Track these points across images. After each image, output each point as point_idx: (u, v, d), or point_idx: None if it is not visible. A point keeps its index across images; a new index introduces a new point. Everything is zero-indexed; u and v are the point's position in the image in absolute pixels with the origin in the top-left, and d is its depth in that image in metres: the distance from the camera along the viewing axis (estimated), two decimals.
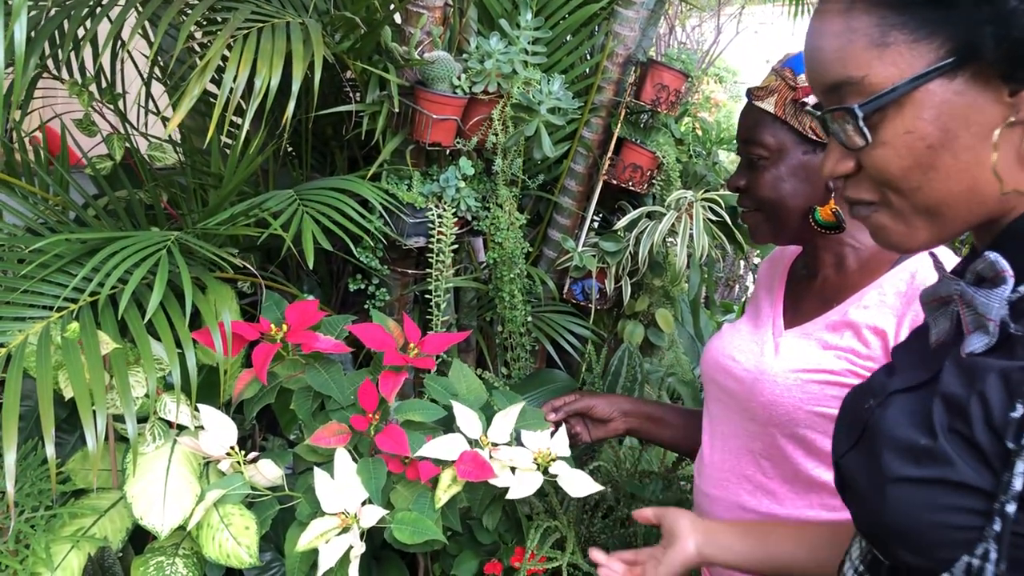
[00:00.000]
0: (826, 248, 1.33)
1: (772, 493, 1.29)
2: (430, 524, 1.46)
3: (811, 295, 1.35)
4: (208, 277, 1.59)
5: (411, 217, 1.93)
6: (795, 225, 1.30)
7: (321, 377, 1.57)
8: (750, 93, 1.32)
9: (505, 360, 2.24)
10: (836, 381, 1.21)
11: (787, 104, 1.26)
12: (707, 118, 3.00)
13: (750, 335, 1.36)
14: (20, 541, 1.54)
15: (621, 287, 2.30)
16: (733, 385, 1.32)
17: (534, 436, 1.58)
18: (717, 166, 2.63)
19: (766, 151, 1.28)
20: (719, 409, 1.38)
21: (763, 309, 1.39)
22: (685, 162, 2.49)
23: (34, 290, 1.53)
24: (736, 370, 1.32)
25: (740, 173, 1.33)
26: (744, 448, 1.32)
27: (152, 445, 1.58)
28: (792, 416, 1.23)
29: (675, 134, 2.40)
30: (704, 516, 1.35)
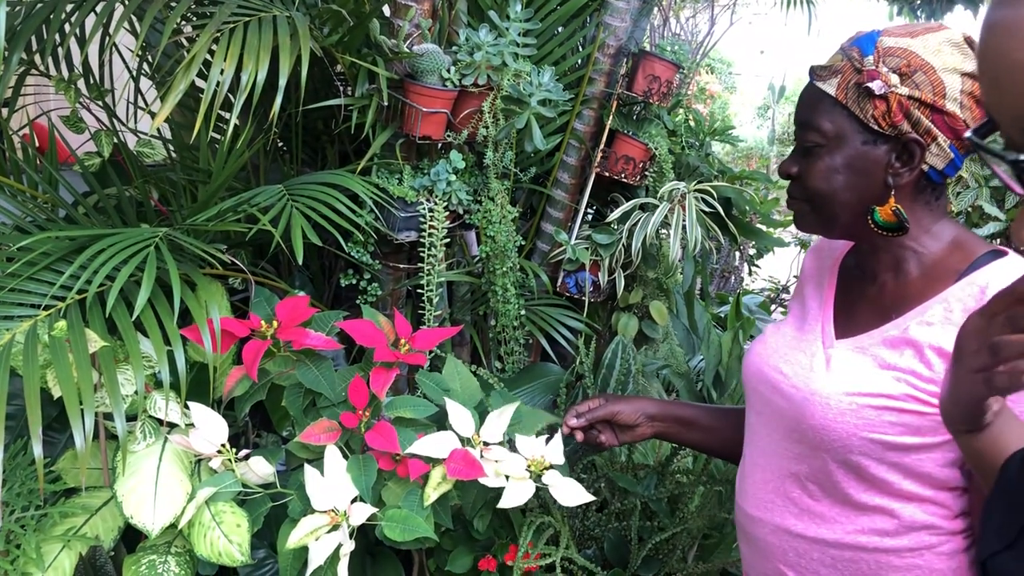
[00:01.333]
0: (885, 251, 1.19)
1: (820, 516, 1.18)
2: (420, 522, 1.45)
3: (866, 301, 1.22)
4: (196, 274, 1.58)
5: (402, 211, 1.92)
6: (845, 221, 1.17)
7: (312, 374, 1.56)
8: (812, 72, 1.18)
9: (499, 354, 2.23)
10: (894, 407, 1.10)
11: (850, 88, 1.12)
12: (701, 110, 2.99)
13: (797, 342, 1.23)
14: (11, 541, 1.53)
15: (615, 280, 2.29)
16: (780, 402, 1.20)
17: (529, 442, 1.57)
18: (710, 157, 2.63)
19: (822, 138, 1.15)
20: (762, 423, 1.26)
21: (810, 310, 1.26)
22: (678, 153, 2.48)
23: (21, 288, 1.52)
24: (783, 385, 1.19)
25: (793, 159, 1.20)
26: (789, 469, 1.20)
27: (143, 443, 1.57)
28: (845, 443, 1.12)
29: (667, 125, 2.38)
30: (747, 538, 1.29)
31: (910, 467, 1.12)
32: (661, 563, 1.81)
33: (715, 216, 2.25)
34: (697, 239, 2.13)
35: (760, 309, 4.33)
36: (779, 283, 5.36)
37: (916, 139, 1.10)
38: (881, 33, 1.14)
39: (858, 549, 1.16)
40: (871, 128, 1.12)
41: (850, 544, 1.16)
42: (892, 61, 1.10)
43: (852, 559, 1.16)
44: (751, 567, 1.31)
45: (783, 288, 5.30)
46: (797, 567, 1.20)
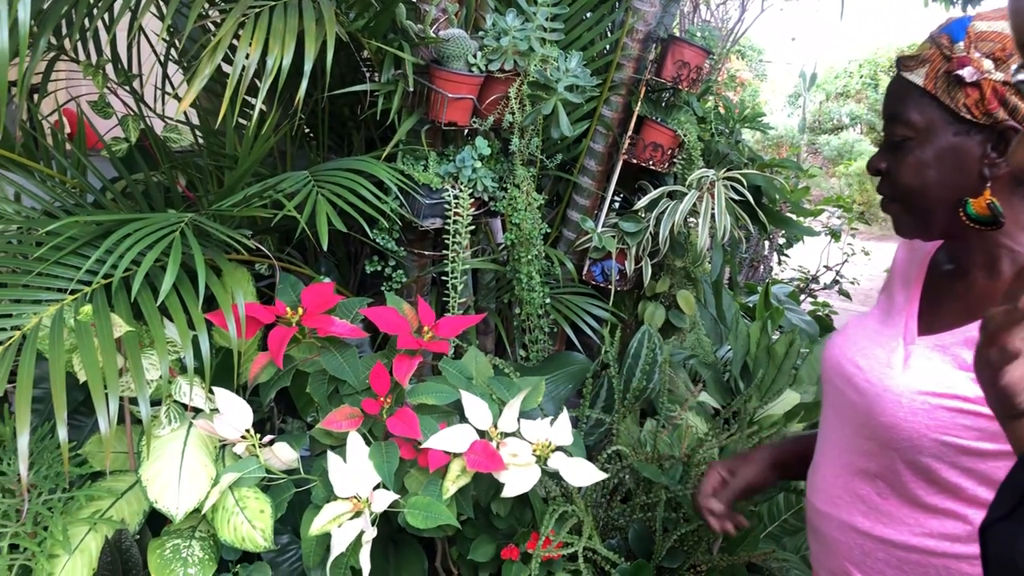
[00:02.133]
0: (978, 247, 1.13)
1: (888, 516, 1.13)
2: (443, 509, 1.45)
3: (953, 297, 1.16)
4: (222, 259, 1.58)
5: (427, 198, 1.91)
6: (942, 218, 1.10)
7: (336, 361, 1.55)
8: (899, 62, 1.13)
9: (523, 342, 2.22)
10: (970, 410, 1.04)
11: (939, 77, 1.07)
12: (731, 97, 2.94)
13: (877, 335, 1.18)
14: (38, 523, 1.54)
15: (641, 268, 2.26)
16: (852, 396, 1.16)
17: (534, 425, 1.55)
18: (740, 144, 2.59)
19: (911, 131, 1.08)
20: (835, 417, 1.22)
21: (896, 305, 1.20)
22: (707, 141, 2.45)
23: (49, 272, 1.53)
24: (858, 379, 1.15)
25: (881, 154, 1.14)
26: (858, 466, 1.16)
27: (167, 428, 1.58)
28: (915, 443, 1.07)
29: (697, 112, 2.35)
30: (815, 533, 1.24)
31: (986, 474, 1.06)
32: (686, 555, 1.79)
33: (744, 204, 2.22)
34: (726, 227, 2.10)
35: (789, 299, 4.28)
36: (809, 273, 5.30)
37: (1013, 126, 1.04)
38: (973, 18, 1.08)
39: (925, 553, 1.10)
40: (963, 118, 1.06)
41: (917, 547, 1.11)
42: (985, 46, 1.04)
43: (919, 562, 1.11)
44: (819, 563, 1.26)
45: (813, 278, 5.23)
46: (863, 566, 1.16)
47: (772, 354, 2.65)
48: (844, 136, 12.92)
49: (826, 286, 5.25)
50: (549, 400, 1.94)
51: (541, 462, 1.51)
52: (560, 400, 1.98)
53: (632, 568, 1.69)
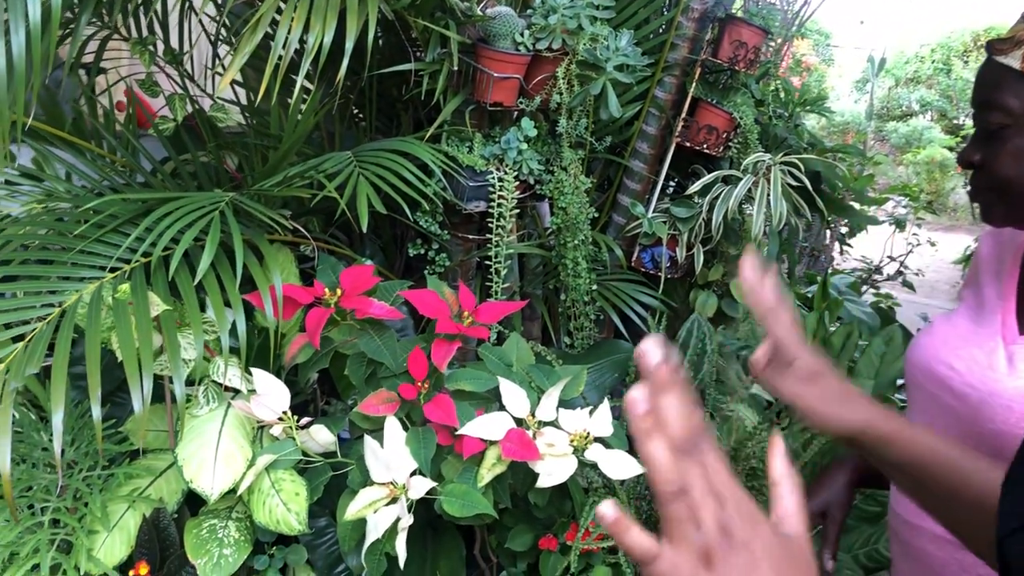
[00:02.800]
0: None
1: None
2: (480, 497, 1.41)
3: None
4: (262, 240, 1.57)
5: (471, 180, 1.87)
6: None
7: (374, 343, 1.53)
8: (990, 46, 1.06)
9: (568, 329, 2.17)
10: None
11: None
12: (795, 83, 2.83)
13: (972, 335, 1.11)
14: (78, 499, 1.55)
15: (693, 255, 2.20)
16: (950, 401, 1.08)
17: (573, 415, 1.51)
18: (799, 128, 2.50)
19: (1007, 117, 1.01)
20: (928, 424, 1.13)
21: (988, 301, 1.13)
22: (765, 124, 2.36)
23: (90, 250, 1.53)
24: (955, 383, 1.07)
25: (974, 145, 1.06)
26: None
27: (205, 408, 1.57)
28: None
29: (755, 95, 2.27)
30: (902, 544, 1.17)
31: None
32: None
33: (802, 191, 2.14)
34: (782, 214, 2.03)
35: (850, 290, 4.15)
36: (872, 263, 5.14)
37: None
38: None
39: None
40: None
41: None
42: None
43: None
44: None
45: (876, 269, 5.08)
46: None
47: (828, 346, 2.57)
48: (913, 123, 12.54)
49: (889, 277, 5.09)
50: (592, 389, 1.89)
51: (578, 453, 1.46)
52: (604, 389, 1.93)
53: None
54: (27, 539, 1.50)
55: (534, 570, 1.82)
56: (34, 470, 1.55)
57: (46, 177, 1.90)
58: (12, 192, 1.83)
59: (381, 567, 1.51)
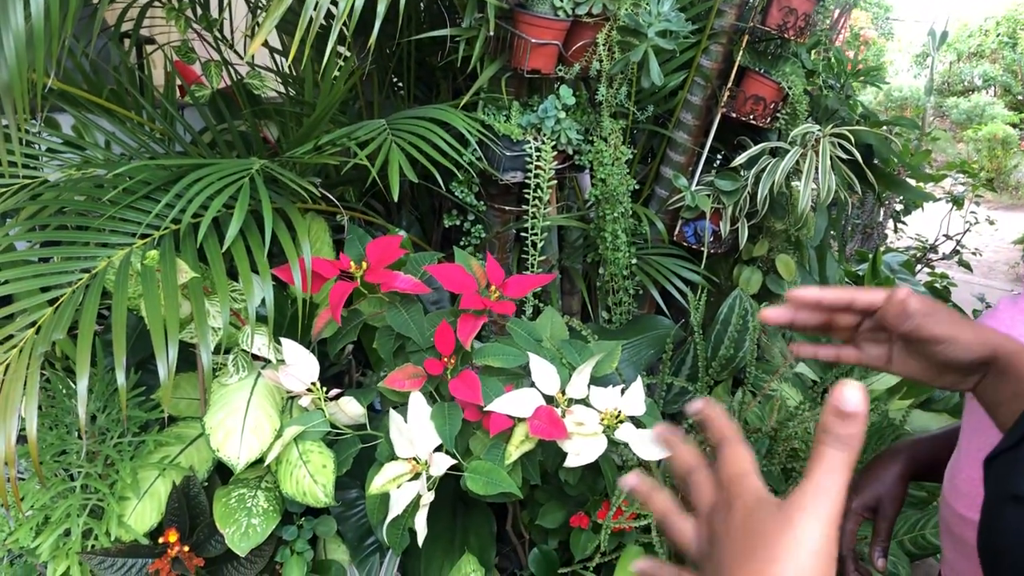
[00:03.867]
0: None
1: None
2: (504, 476, 1.38)
3: None
4: (291, 208, 1.54)
5: (508, 150, 1.83)
6: None
7: (401, 317, 1.50)
8: None
9: (607, 304, 2.12)
10: None
11: None
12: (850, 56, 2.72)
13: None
14: (109, 466, 1.56)
15: (737, 230, 2.13)
16: None
17: (604, 393, 1.46)
18: (852, 100, 2.40)
19: None
20: None
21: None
22: (815, 95, 2.27)
23: (121, 216, 1.52)
24: None
25: None
26: None
27: (235, 377, 1.56)
28: None
29: (805, 65, 2.18)
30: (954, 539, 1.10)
31: None
32: None
33: (853, 164, 2.05)
34: (830, 188, 1.95)
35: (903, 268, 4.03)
36: (927, 241, 4.99)
37: None
38: None
39: None
40: None
41: None
42: None
43: None
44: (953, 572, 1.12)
45: (931, 247, 4.93)
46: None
47: None
48: (975, 99, 12.12)
49: (945, 256, 4.93)
50: (628, 365, 1.85)
51: (609, 432, 1.42)
52: (640, 366, 1.88)
53: None
54: (59, 503, 1.51)
55: (566, 547, 1.79)
56: (67, 435, 1.56)
57: (86, 144, 1.90)
58: (53, 158, 1.84)
59: (404, 542, 1.50)
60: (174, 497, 1.57)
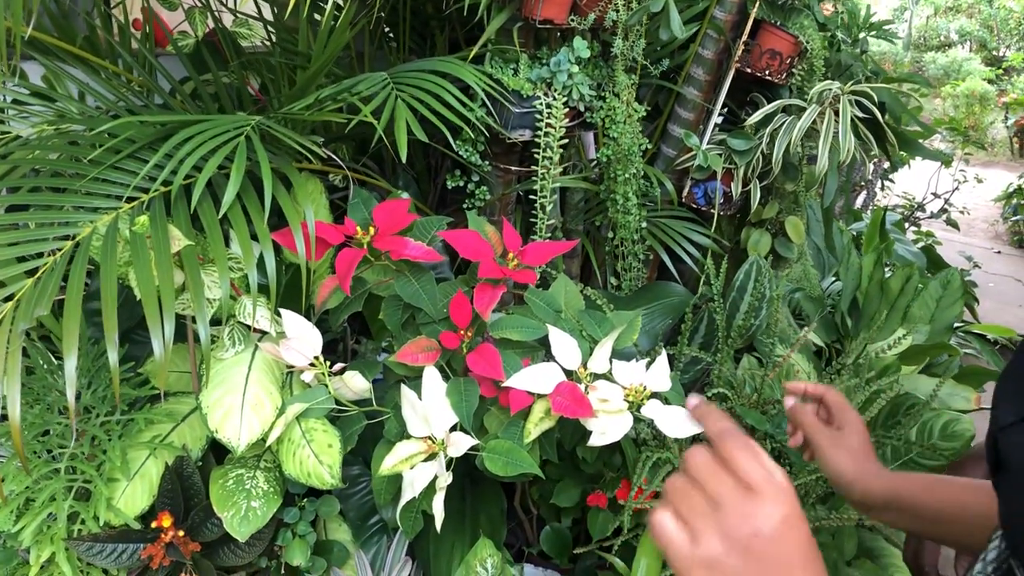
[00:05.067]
0: None
1: None
2: (525, 456, 1.30)
3: None
4: (291, 169, 1.43)
5: (516, 106, 1.71)
6: None
7: (411, 287, 1.40)
8: None
9: (615, 270, 2.03)
10: None
11: None
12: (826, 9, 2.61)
13: None
14: (96, 446, 1.45)
15: (749, 191, 2.04)
16: None
17: (627, 368, 1.38)
18: (865, 56, 2.31)
19: None
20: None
21: None
22: (829, 50, 2.17)
23: (105, 178, 1.40)
24: None
25: None
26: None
27: (231, 351, 1.46)
28: None
29: (818, 18, 2.08)
30: None
31: None
32: None
33: (871, 123, 1.97)
34: (849, 149, 1.86)
35: (895, 228, 3.98)
36: (914, 200, 4.95)
37: None
38: None
39: None
40: None
41: None
42: None
43: None
44: None
45: (919, 206, 4.89)
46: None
47: (885, 290, 2.42)
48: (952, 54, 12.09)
49: (933, 215, 4.90)
50: (643, 335, 1.76)
51: (633, 408, 1.34)
52: (655, 336, 1.80)
53: None
54: (43, 485, 1.41)
55: (578, 524, 1.73)
56: (49, 413, 1.45)
57: (57, 96, 1.76)
58: (21, 112, 1.70)
59: (417, 526, 1.42)
60: (167, 478, 1.47)
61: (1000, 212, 7.10)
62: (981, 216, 7.38)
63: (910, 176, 4.99)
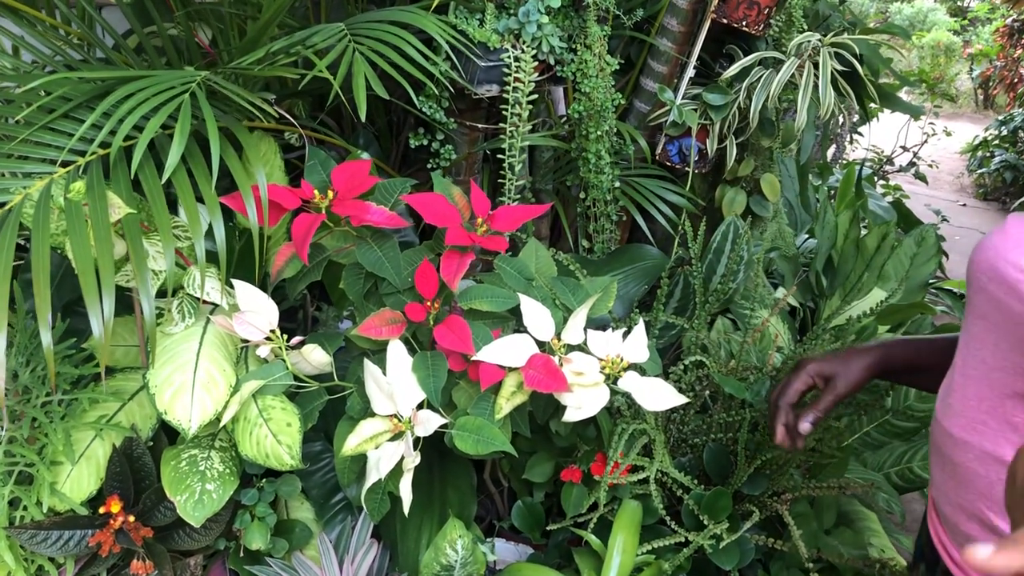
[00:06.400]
0: None
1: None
2: (497, 433, 1.23)
3: None
4: (240, 128, 1.32)
5: (483, 60, 1.62)
6: None
7: (373, 254, 1.31)
8: None
9: (587, 231, 1.95)
10: None
11: None
12: None
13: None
14: (36, 428, 1.36)
15: (725, 148, 1.97)
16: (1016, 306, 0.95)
17: (603, 338, 1.31)
18: (844, 5, 2.23)
19: None
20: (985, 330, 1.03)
21: None
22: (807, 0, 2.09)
23: (37, 140, 1.29)
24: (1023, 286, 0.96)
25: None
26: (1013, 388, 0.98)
27: (181, 325, 1.36)
28: None
29: None
30: (945, 460, 1.07)
31: None
32: (768, 479, 1.58)
33: (849, 76, 1.89)
34: (829, 104, 1.79)
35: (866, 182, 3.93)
36: (883, 153, 4.91)
37: None
38: None
39: None
40: None
41: None
42: None
43: None
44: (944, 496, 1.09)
45: (887, 159, 4.86)
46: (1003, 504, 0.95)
47: (861, 249, 2.37)
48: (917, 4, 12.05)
49: (901, 168, 4.87)
50: (618, 301, 1.69)
51: (610, 381, 1.28)
52: (630, 301, 1.73)
53: (710, 496, 1.48)
54: None
55: (550, 497, 1.67)
56: None
57: None
58: None
59: (383, 508, 1.35)
60: (115, 460, 1.38)
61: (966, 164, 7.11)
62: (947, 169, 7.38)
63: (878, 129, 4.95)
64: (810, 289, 2.39)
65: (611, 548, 1.40)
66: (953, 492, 1.06)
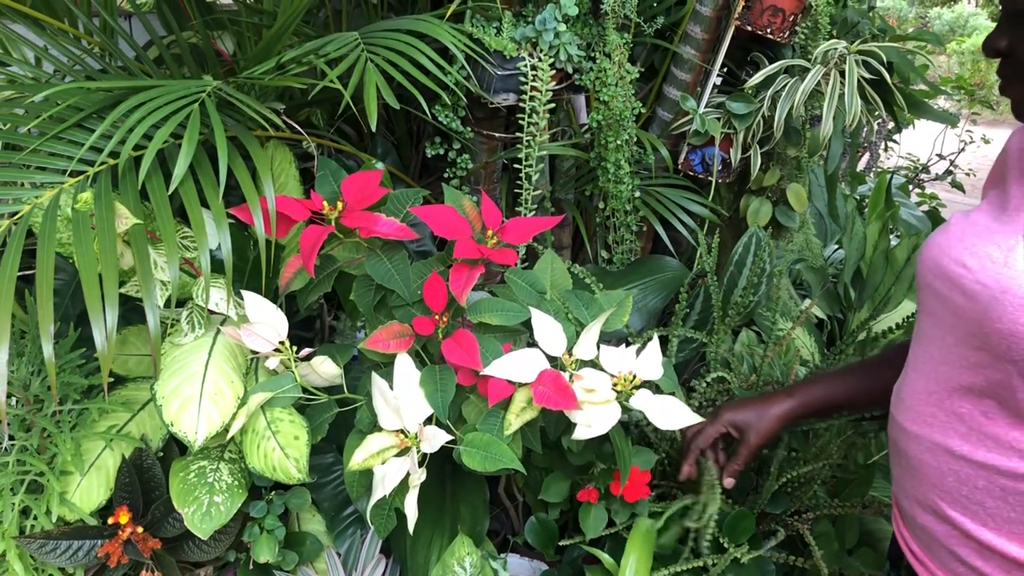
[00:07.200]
0: None
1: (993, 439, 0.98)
2: (505, 449, 1.20)
3: None
4: (249, 138, 1.31)
5: (499, 68, 1.59)
6: None
7: (383, 266, 1.29)
8: None
9: (606, 242, 1.92)
10: None
11: None
12: None
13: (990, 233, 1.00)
14: (46, 438, 1.36)
15: (749, 157, 1.93)
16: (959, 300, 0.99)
17: (616, 354, 1.28)
18: (873, 12, 2.18)
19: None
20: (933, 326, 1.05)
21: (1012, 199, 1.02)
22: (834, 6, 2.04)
23: (48, 149, 1.29)
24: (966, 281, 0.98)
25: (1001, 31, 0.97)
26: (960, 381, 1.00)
27: (190, 336, 1.36)
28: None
29: None
30: (900, 455, 1.10)
31: None
32: (790, 498, 1.54)
33: (878, 85, 1.84)
34: (856, 113, 1.75)
35: (900, 192, 3.86)
36: (918, 161, 4.82)
37: None
38: None
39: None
40: None
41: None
42: None
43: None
44: (903, 490, 1.11)
45: (923, 168, 4.76)
46: (955, 494, 1.00)
47: (891, 260, 2.31)
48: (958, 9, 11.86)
49: (938, 176, 4.77)
50: (636, 312, 1.66)
51: (622, 398, 1.25)
52: (649, 313, 1.70)
53: (732, 518, 1.44)
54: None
55: (564, 514, 1.64)
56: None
57: (11, 61, 1.65)
58: None
59: (390, 524, 1.33)
60: (124, 471, 1.38)
61: None
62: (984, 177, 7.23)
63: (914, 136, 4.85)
64: (838, 300, 2.33)
65: (623, 568, 1.36)
66: (909, 485, 1.08)
